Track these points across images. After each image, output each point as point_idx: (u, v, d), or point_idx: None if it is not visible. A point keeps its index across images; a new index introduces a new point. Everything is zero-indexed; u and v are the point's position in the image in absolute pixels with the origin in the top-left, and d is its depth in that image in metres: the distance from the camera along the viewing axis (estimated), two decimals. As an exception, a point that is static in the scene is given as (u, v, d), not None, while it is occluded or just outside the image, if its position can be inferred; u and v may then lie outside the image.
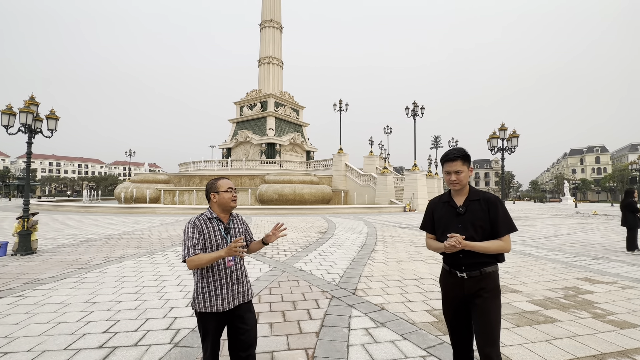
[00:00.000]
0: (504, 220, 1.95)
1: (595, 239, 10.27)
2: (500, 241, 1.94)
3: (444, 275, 2.15)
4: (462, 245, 1.89)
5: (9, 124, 7.97)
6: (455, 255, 2.01)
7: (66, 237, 10.18)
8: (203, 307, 2.04)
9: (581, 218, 19.54)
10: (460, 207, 2.03)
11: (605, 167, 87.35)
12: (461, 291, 2.01)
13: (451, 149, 2.08)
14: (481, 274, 1.95)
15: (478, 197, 2.02)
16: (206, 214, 2.14)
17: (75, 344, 3.07)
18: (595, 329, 3.45)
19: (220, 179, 2.18)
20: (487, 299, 1.94)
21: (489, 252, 1.92)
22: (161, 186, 27.54)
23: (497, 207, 1.96)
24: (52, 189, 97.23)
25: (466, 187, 2.05)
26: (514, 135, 12.65)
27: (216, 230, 2.09)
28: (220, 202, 2.13)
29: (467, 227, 1.98)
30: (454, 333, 2.10)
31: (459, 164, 1.99)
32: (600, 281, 5.33)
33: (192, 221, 2.07)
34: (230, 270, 2.11)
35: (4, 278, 5.45)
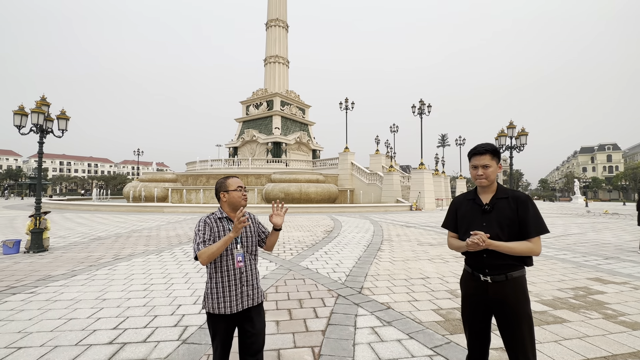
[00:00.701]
0: (534, 221, 1.80)
1: (606, 239, 10.08)
2: (529, 243, 1.79)
3: (465, 278, 2.02)
4: (486, 244, 1.78)
5: (21, 124, 8.14)
6: (478, 255, 1.88)
7: (77, 235, 10.37)
8: (211, 308, 2.00)
9: (592, 217, 19.18)
10: (486, 205, 1.91)
11: (617, 165, 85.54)
12: (484, 296, 1.87)
13: (481, 143, 1.98)
14: (507, 278, 1.81)
15: (506, 195, 1.89)
16: (216, 214, 2.11)
17: (86, 339, 3.13)
18: (606, 329, 3.39)
19: (229, 178, 2.14)
20: (515, 307, 1.79)
21: (516, 253, 1.78)
22: (169, 185, 27.84)
23: (527, 206, 1.82)
24: (63, 188, 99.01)
25: (494, 185, 1.93)
26: (523, 133, 12.47)
27: (226, 229, 2.06)
28: (230, 201, 2.10)
29: (493, 226, 1.85)
30: (472, 338, 1.98)
31: (488, 158, 1.87)
32: (611, 281, 5.24)
33: (202, 219, 2.06)
34: (240, 272, 2.05)
35: (17, 275, 5.58)
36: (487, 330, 1.95)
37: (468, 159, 1.98)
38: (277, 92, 38.24)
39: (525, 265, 1.86)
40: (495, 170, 1.90)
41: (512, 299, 1.80)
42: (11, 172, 79.46)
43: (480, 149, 1.91)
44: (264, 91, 39.48)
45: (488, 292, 1.85)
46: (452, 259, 6.97)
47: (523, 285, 1.83)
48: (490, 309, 1.89)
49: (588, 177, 66.23)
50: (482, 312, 1.91)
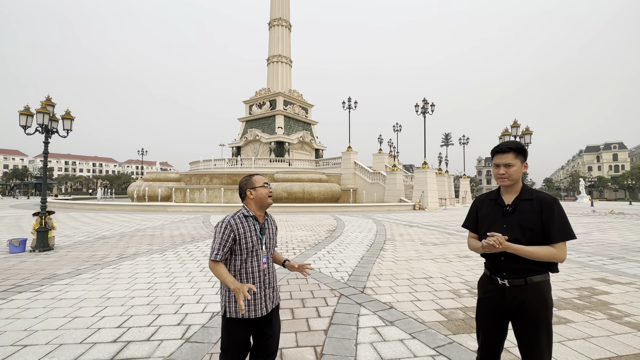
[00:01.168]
0: (559, 225, 1.68)
1: (612, 239, 9.99)
2: (551, 248, 1.68)
3: (483, 281, 1.95)
4: (504, 246, 1.69)
5: (26, 124, 8.22)
6: (496, 258, 1.81)
7: (82, 234, 10.47)
8: (234, 312, 1.88)
9: (597, 217, 19.01)
10: (508, 206, 1.82)
11: (623, 164, 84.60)
12: (501, 300, 1.79)
13: (505, 141, 1.88)
14: (526, 283, 1.72)
15: (531, 196, 1.77)
16: (242, 212, 2.01)
17: (90, 337, 3.16)
18: (611, 330, 3.36)
19: (254, 175, 2.08)
20: (533, 313, 1.70)
21: (536, 258, 1.68)
22: (172, 184, 27.97)
23: (553, 209, 1.70)
24: (68, 187, 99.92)
25: (518, 185, 1.83)
26: (527, 132, 12.39)
27: (252, 229, 1.97)
28: (258, 198, 2.02)
29: (513, 229, 1.75)
30: (484, 343, 1.90)
31: (511, 156, 1.78)
32: (616, 282, 5.19)
33: (227, 221, 1.93)
34: (264, 274, 1.99)
35: (23, 273, 5.64)
36: (501, 337, 1.87)
37: (491, 157, 1.90)
38: (280, 91, 38.27)
39: (550, 271, 1.75)
40: (519, 170, 1.79)
41: (530, 304, 1.71)
42: (17, 172, 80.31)
43: (503, 146, 1.82)
44: (267, 91, 39.54)
45: (505, 296, 1.77)
46: (456, 258, 6.95)
47: (544, 291, 1.73)
48: (507, 314, 1.80)
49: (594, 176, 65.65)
50: (498, 316, 1.83)
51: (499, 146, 1.84)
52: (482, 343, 1.91)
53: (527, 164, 1.83)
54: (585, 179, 51.04)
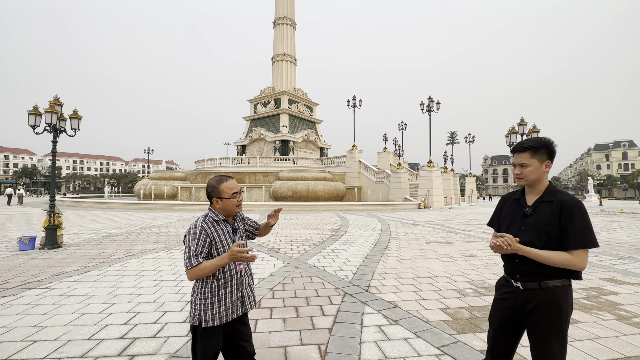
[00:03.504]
0: (578, 231, 1.57)
1: (621, 238, 9.83)
2: (568, 255, 1.58)
3: (500, 282, 1.90)
4: (513, 248, 1.62)
5: (35, 123, 8.35)
6: (510, 260, 1.76)
7: (89, 232, 10.61)
8: (211, 319, 1.80)
9: (606, 216, 18.73)
10: (528, 207, 1.75)
11: (633, 162, 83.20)
12: (514, 303, 1.74)
13: (526, 139, 1.80)
14: (540, 287, 1.65)
15: (553, 198, 1.68)
16: (212, 216, 1.90)
17: (98, 334, 3.21)
18: (619, 331, 3.32)
19: (223, 182, 1.90)
20: (545, 320, 1.63)
21: (549, 263, 1.60)
22: (178, 183, 28.22)
23: (573, 214, 1.59)
24: (76, 185, 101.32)
25: (541, 185, 1.74)
26: (534, 130, 12.24)
27: (225, 232, 1.90)
28: (224, 209, 1.91)
29: (530, 231, 1.69)
30: (494, 344, 1.85)
31: (526, 156, 1.71)
32: (625, 282, 5.11)
33: (198, 225, 1.83)
34: (241, 275, 1.95)
35: (32, 270, 5.74)
36: (512, 340, 1.81)
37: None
38: (285, 90, 38.30)
39: (571, 277, 1.65)
40: (536, 170, 1.70)
41: (542, 309, 1.64)
42: (27, 171, 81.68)
43: (518, 146, 1.76)
44: (271, 89, 39.58)
45: (518, 299, 1.72)
46: (461, 258, 6.90)
47: (558, 297, 1.63)
48: (519, 318, 1.74)
49: (602, 175, 64.66)
50: (510, 319, 1.78)
51: (515, 145, 1.79)
52: (492, 344, 1.87)
53: (550, 163, 1.72)
54: (593, 178, 50.26)
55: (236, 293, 1.92)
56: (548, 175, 1.79)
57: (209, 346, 1.83)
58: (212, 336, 1.83)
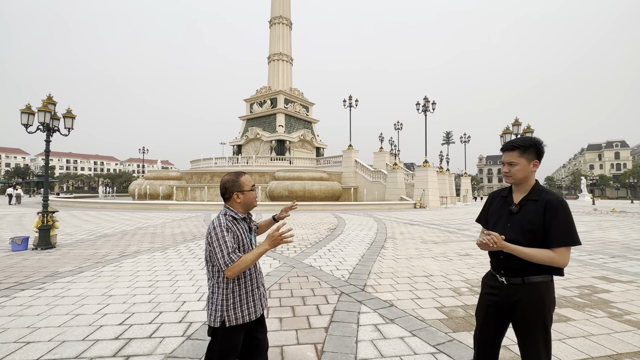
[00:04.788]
0: (561, 229, 1.62)
1: (613, 237, 9.97)
2: (551, 252, 1.63)
3: (486, 277, 1.97)
4: (499, 246, 1.68)
5: (28, 122, 8.25)
6: (496, 256, 1.82)
7: (83, 232, 10.51)
8: (234, 319, 1.76)
9: (599, 215, 18.96)
10: (514, 205, 1.80)
11: (625, 162, 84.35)
12: (499, 298, 1.80)
13: (516, 137, 1.84)
14: (524, 282, 1.71)
15: (538, 197, 1.73)
16: (231, 214, 1.84)
17: (92, 335, 3.19)
18: (611, 328, 3.36)
19: (241, 175, 1.90)
20: (528, 313, 1.69)
21: (533, 260, 1.66)
22: (173, 183, 28.02)
23: (557, 212, 1.65)
24: (70, 185, 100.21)
25: (528, 184, 1.79)
26: (528, 130, 12.36)
27: (244, 230, 1.86)
28: (245, 203, 1.88)
29: (515, 229, 1.74)
30: (479, 340, 1.92)
31: (515, 155, 1.76)
32: (617, 280, 5.19)
33: (223, 223, 1.76)
34: (258, 272, 1.94)
35: (25, 271, 5.67)
36: (497, 334, 1.87)
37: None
38: (281, 89, 38.24)
39: (553, 274, 1.71)
40: (524, 169, 1.75)
41: (525, 303, 1.70)
42: (19, 170, 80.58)
43: (508, 144, 1.80)
44: (267, 89, 39.50)
45: (503, 294, 1.79)
46: (456, 257, 6.95)
47: (541, 292, 1.70)
48: (504, 312, 1.80)
49: (595, 175, 65.50)
50: (496, 313, 1.83)
51: (505, 144, 1.83)
52: (479, 337, 1.93)
53: (538, 162, 1.77)
54: (586, 178, 50.87)
55: (257, 292, 1.90)
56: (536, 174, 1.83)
57: (233, 345, 1.79)
58: (233, 337, 1.79)
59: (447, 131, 55.47)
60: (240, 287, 1.83)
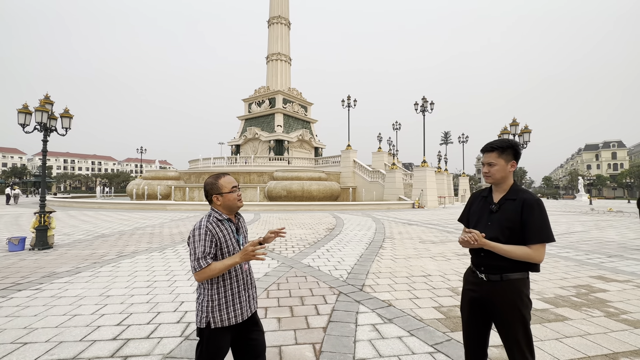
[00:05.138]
0: (537, 227, 1.72)
1: (610, 237, 10.02)
2: (527, 249, 1.72)
3: (467, 273, 2.05)
4: (480, 243, 1.75)
5: (25, 122, 8.21)
6: (477, 253, 1.90)
7: (81, 233, 10.47)
8: (220, 321, 1.77)
9: (596, 215, 19.06)
10: (494, 205, 1.89)
11: (622, 162, 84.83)
12: (479, 294, 1.88)
13: (495, 139, 1.93)
14: (502, 279, 1.79)
15: (516, 196, 1.82)
16: (215, 216, 1.86)
17: (90, 335, 3.18)
18: (608, 327, 3.38)
19: (220, 177, 1.90)
20: (507, 308, 1.77)
21: (511, 257, 1.74)
22: (172, 183, 27.95)
23: (533, 211, 1.74)
24: (67, 185, 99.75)
25: (507, 184, 1.88)
26: (526, 130, 12.40)
27: (230, 232, 1.87)
28: (226, 205, 1.87)
29: (494, 227, 1.82)
30: (466, 335, 2.00)
31: (494, 155, 1.85)
32: (614, 279, 5.22)
33: (203, 225, 1.78)
34: (246, 275, 1.92)
35: (22, 272, 5.65)
36: (482, 329, 1.93)
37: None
38: (279, 89, 38.22)
39: (530, 270, 1.80)
40: (502, 169, 1.84)
41: (504, 299, 1.78)
42: (16, 170, 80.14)
43: (487, 146, 1.90)
44: (266, 89, 39.47)
45: (482, 290, 1.86)
46: (454, 256, 6.97)
47: (519, 288, 1.78)
48: (484, 308, 1.88)
49: (592, 175, 65.78)
50: (477, 308, 1.91)
51: (485, 145, 1.92)
52: (466, 333, 2.00)
53: (515, 163, 1.85)
54: (584, 178, 51.11)
55: (244, 293, 1.89)
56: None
57: (218, 348, 1.79)
58: (219, 338, 1.79)
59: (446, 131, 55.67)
60: (225, 288, 1.82)
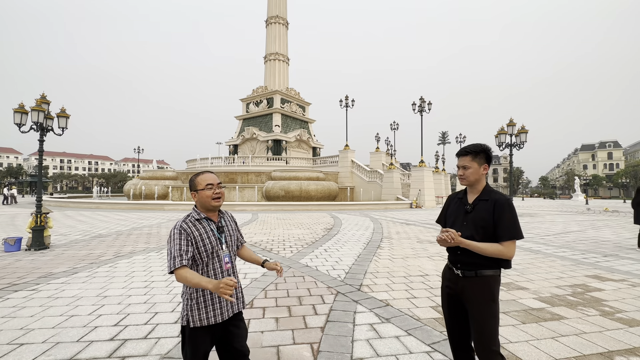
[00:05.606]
0: (508, 225, 1.85)
1: (605, 236, 10.10)
2: (499, 245, 1.85)
3: (445, 270, 2.17)
4: (456, 241, 1.86)
5: (21, 122, 8.16)
6: (453, 251, 2.01)
7: (78, 233, 10.41)
8: (199, 320, 1.77)
9: (592, 215, 19.19)
10: (468, 205, 2.01)
11: (617, 162, 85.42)
12: (455, 289, 2.00)
13: (469, 144, 2.05)
14: (476, 275, 1.91)
15: (488, 197, 1.95)
16: (193, 215, 1.86)
17: (87, 336, 3.16)
18: (603, 326, 3.41)
19: (199, 175, 1.89)
20: (480, 303, 1.89)
21: (485, 254, 1.85)
22: (169, 183, 27.87)
23: (504, 210, 1.87)
24: (64, 185, 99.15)
25: (480, 185, 2.00)
26: (523, 130, 12.47)
27: (208, 230, 1.85)
28: (200, 202, 1.86)
29: (469, 227, 1.94)
30: (448, 329, 2.11)
31: (467, 159, 1.98)
32: (609, 279, 5.26)
33: (177, 226, 1.78)
34: (228, 274, 1.89)
35: (18, 272, 5.61)
36: (464, 323, 2.01)
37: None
38: (277, 89, 38.19)
39: (502, 267, 1.92)
40: (476, 172, 1.97)
41: (477, 294, 1.91)
42: (12, 170, 79.55)
43: (461, 150, 2.03)
44: (264, 89, 39.41)
45: (458, 286, 1.98)
46: (452, 256, 6.99)
47: (491, 285, 1.91)
48: (461, 303, 2.00)
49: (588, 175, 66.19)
50: (455, 304, 2.03)
51: (459, 150, 2.06)
52: (448, 327, 2.11)
53: (487, 166, 1.98)
54: (580, 177, 51.43)
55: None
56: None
57: (197, 347, 1.79)
58: (199, 337, 1.79)
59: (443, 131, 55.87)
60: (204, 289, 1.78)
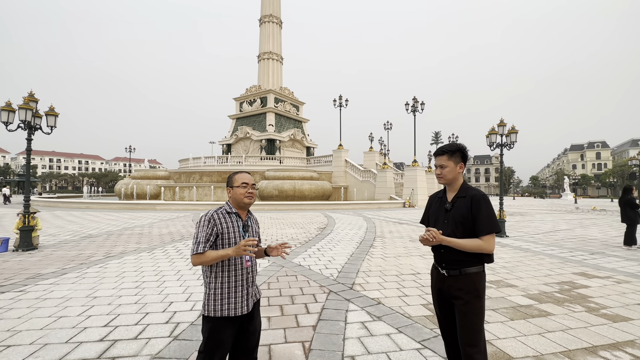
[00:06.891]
0: (485, 220, 1.89)
1: (593, 235, 10.32)
2: (479, 240, 1.89)
3: (432, 269, 2.20)
4: (438, 240, 1.89)
5: (8, 120, 7.98)
6: (437, 250, 2.04)
7: (67, 233, 10.25)
8: (220, 311, 1.87)
9: (580, 214, 19.57)
10: (448, 203, 2.05)
11: (605, 162, 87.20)
12: (443, 287, 2.04)
13: (445, 144, 2.10)
14: (461, 273, 1.94)
15: (465, 194, 2.00)
16: (225, 208, 2.01)
17: (76, 337, 3.13)
18: (588, 322, 3.50)
19: (237, 173, 2.05)
20: (466, 301, 1.92)
21: (466, 249, 1.89)
22: (161, 182, 27.58)
23: (480, 205, 1.92)
24: (53, 185, 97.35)
25: (457, 183, 2.05)
26: (513, 130, 12.63)
27: (235, 225, 1.97)
28: (234, 198, 2.01)
29: (450, 224, 1.98)
30: (441, 327, 2.15)
31: (444, 158, 2.03)
32: (595, 276, 5.39)
33: (208, 215, 1.93)
34: (247, 272, 1.99)
35: (5, 273, 5.51)
36: (454, 320, 2.04)
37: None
38: (271, 88, 38.05)
39: (485, 262, 1.97)
40: (452, 170, 2.02)
41: (462, 292, 1.93)
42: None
43: (438, 150, 2.08)
44: (257, 88, 39.24)
45: (444, 284, 2.02)
46: (443, 255, 7.07)
47: (475, 282, 1.94)
48: (448, 301, 2.03)
49: (577, 174, 67.47)
50: (443, 302, 2.07)
51: (436, 149, 2.10)
52: (440, 325, 2.16)
53: (463, 165, 2.03)
54: (569, 177, 52.41)
55: (240, 289, 1.94)
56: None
57: (219, 336, 1.87)
58: (221, 327, 1.88)
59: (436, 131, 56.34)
60: (226, 281, 1.91)
